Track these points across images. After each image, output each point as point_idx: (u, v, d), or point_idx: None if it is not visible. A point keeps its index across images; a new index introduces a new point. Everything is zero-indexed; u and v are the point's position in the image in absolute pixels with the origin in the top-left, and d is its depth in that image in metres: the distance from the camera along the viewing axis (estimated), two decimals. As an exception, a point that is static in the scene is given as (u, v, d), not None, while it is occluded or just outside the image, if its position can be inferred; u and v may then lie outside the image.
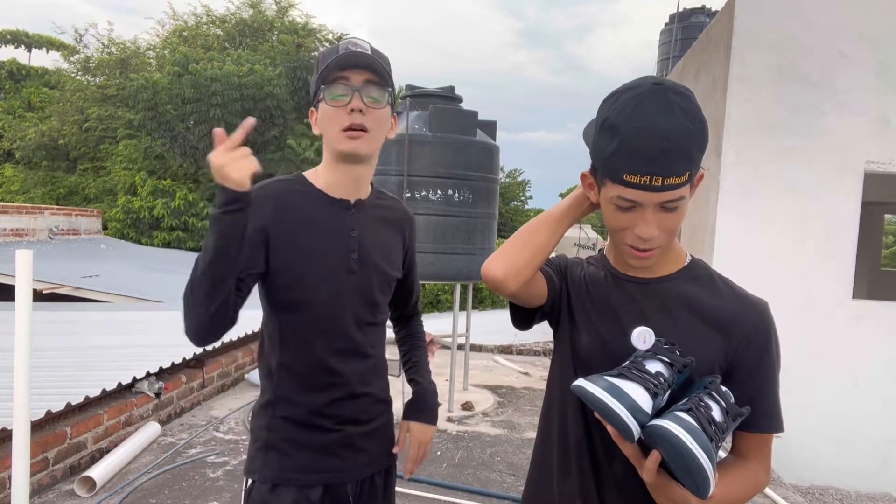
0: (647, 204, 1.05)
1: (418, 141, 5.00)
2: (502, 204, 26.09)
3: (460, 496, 3.60)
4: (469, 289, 5.94)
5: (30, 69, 22.94)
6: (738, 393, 1.11)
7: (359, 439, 1.53)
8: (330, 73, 1.40)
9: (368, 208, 1.53)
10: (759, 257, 4.70)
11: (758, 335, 1.13)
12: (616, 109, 1.05)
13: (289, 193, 1.46)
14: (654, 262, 1.15)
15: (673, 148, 1.00)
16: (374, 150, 1.47)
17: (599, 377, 1.03)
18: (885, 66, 4.61)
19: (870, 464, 4.68)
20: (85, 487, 3.36)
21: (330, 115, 1.41)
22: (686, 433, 0.94)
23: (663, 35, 9.81)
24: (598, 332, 1.19)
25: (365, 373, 1.52)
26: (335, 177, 1.48)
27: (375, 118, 1.42)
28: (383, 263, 1.53)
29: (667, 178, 1.01)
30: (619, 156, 1.03)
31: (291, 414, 1.48)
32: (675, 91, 1.03)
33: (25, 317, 2.34)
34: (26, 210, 11.67)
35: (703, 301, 1.15)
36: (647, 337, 1.10)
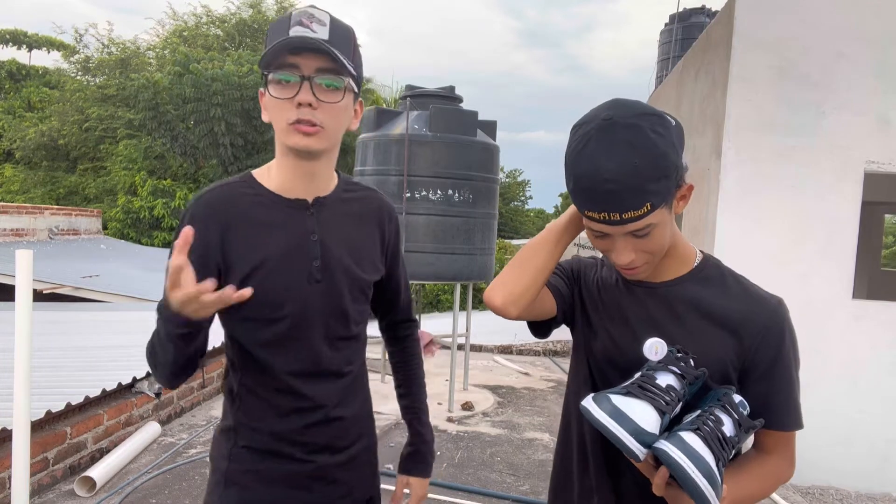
0: (616, 234, 1.07)
1: (418, 141, 5.00)
2: (502, 204, 26.10)
3: (460, 496, 3.60)
4: (469, 289, 5.94)
5: (30, 69, 22.94)
6: (754, 392, 1.10)
7: (334, 470, 1.34)
8: (276, 56, 1.17)
9: (333, 205, 1.33)
10: (759, 257, 4.70)
11: (771, 333, 1.12)
12: (570, 147, 1.07)
13: (236, 199, 1.27)
14: (647, 275, 1.15)
15: (618, 189, 1.00)
16: (332, 145, 1.28)
17: (605, 398, 1.02)
18: (885, 66, 4.61)
19: (870, 464, 4.68)
20: (85, 487, 3.36)
21: (276, 107, 1.20)
22: (686, 458, 0.94)
23: (663, 35, 9.81)
24: (610, 337, 1.19)
25: (340, 393, 1.33)
26: (288, 174, 1.28)
27: (330, 112, 1.21)
28: (354, 267, 1.33)
29: (623, 213, 1.02)
30: (575, 194, 1.07)
31: (254, 442, 1.29)
32: (624, 125, 1.01)
33: (25, 317, 2.34)
34: (26, 210, 11.68)
35: (713, 302, 1.14)
36: (659, 348, 1.09)
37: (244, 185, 1.30)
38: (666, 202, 1.05)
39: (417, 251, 4.99)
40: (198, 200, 1.26)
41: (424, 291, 14.23)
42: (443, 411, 5.25)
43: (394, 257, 1.46)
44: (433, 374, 6.47)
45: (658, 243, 1.08)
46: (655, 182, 1.02)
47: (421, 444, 1.52)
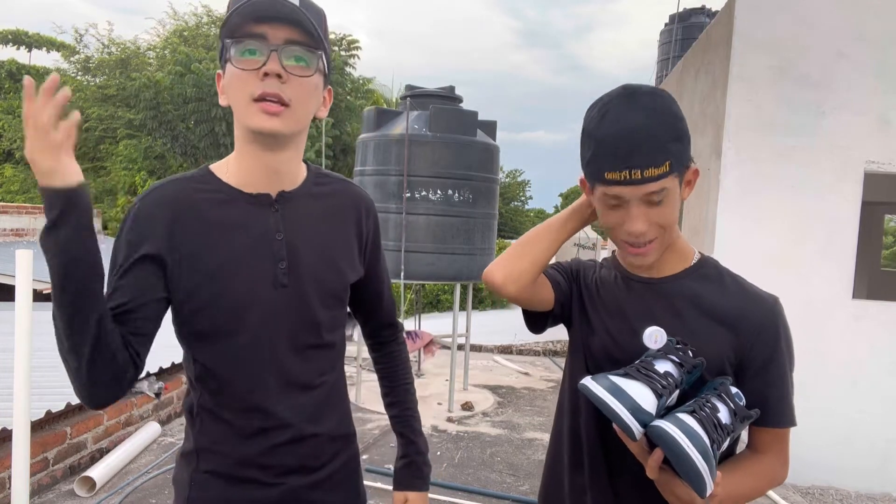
0: (632, 199, 1.08)
1: (418, 141, 5.00)
2: (502, 204, 26.10)
3: (460, 496, 3.60)
4: (469, 289, 5.94)
5: (30, 69, 22.95)
6: (750, 388, 1.12)
7: (307, 492, 1.20)
8: (241, 24, 1.04)
9: (301, 200, 1.19)
10: (759, 257, 4.70)
11: (767, 331, 1.14)
12: (589, 118, 1.12)
13: (188, 195, 1.12)
14: (654, 259, 1.16)
15: (642, 141, 1.05)
16: (299, 130, 1.13)
17: (604, 377, 1.04)
18: (885, 66, 4.61)
19: (870, 464, 4.68)
20: (85, 487, 3.36)
21: (238, 80, 1.06)
22: (683, 435, 0.95)
23: (663, 35, 9.81)
24: (608, 332, 1.21)
25: (311, 409, 1.19)
26: (249, 165, 1.13)
27: (300, 88, 1.07)
28: (325, 270, 1.19)
29: (645, 171, 1.05)
30: (597, 158, 1.09)
31: (218, 467, 1.16)
32: (642, 92, 1.08)
33: (25, 317, 2.34)
34: (26, 210, 11.68)
35: (711, 299, 1.16)
36: (658, 337, 1.11)
37: (199, 180, 1.15)
38: (680, 170, 1.09)
39: (417, 251, 4.99)
40: (145, 198, 1.11)
41: (424, 291, 14.23)
42: (443, 411, 5.25)
43: (373, 256, 1.32)
44: (433, 374, 6.47)
45: (669, 216, 1.11)
46: (675, 142, 1.07)
47: (416, 456, 1.39)
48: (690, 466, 0.94)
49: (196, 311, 1.12)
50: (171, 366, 4.55)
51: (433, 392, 5.82)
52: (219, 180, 1.15)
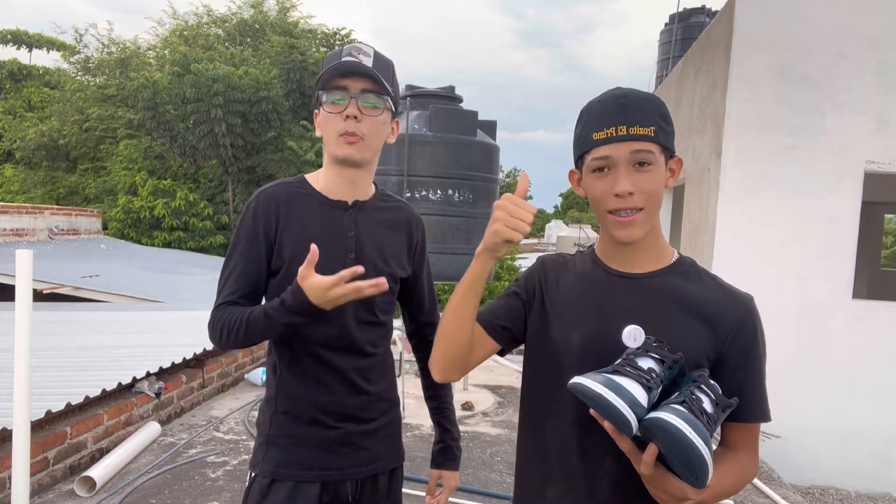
0: (619, 159, 1.13)
1: (418, 141, 5.00)
2: (502, 204, 26.05)
3: (460, 496, 3.60)
4: (469, 289, 5.94)
5: (30, 69, 22.95)
6: (726, 384, 1.14)
7: (359, 437, 1.54)
8: (329, 79, 1.44)
9: (369, 210, 1.56)
10: (759, 257, 4.70)
11: (744, 328, 1.17)
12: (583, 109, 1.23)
13: (289, 196, 1.52)
14: (640, 234, 1.17)
15: (631, 103, 1.14)
16: (371, 156, 1.51)
17: (596, 374, 1.05)
18: (885, 66, 4.61)
19: (870, 464, 4.68)
20: (85, 487, 3.36)
21: (327, 121, 1.46)
22: (685, 423, 0.96)
23: (663, 35, 9.81)
24: (590, 328, 1.21)
25: (365, 370, 1.53)
26: (333, 179, 1.53)
27: (371, 125, 1.46)
28: (381, 264, 1.53)
29: (631, 128, 1.12)
30: (587, 126, 1.18)
31: (292, 409, 1.51)
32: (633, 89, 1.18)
33: (25, 317, 2.34)
34: (26, 210, 11.68)
35: (691, 295, 1.19)
36: (637, 335, 1.13)
37: (297, 185, 1.55)
38: (666, 145, 1.15)
39: (417, 251, 5.00)
40: (260, 194, 1.52)
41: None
42: (443, 411, 5.25)
43: (420, 262, 1.66)
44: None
45: (655, 184, 1.14)
46: (662, 118, 1.15)
47: (451, 441, 1.71)
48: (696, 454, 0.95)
49: (287, 280, 1.44)
50: (171, 366, 4.55)
51: (433, 392, 5.82)
52: (310, 186, 1.55)
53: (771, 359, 1.26)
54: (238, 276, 1.49)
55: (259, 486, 1.51)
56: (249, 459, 1.58)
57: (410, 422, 4.85)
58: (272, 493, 1.49)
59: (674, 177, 1.21)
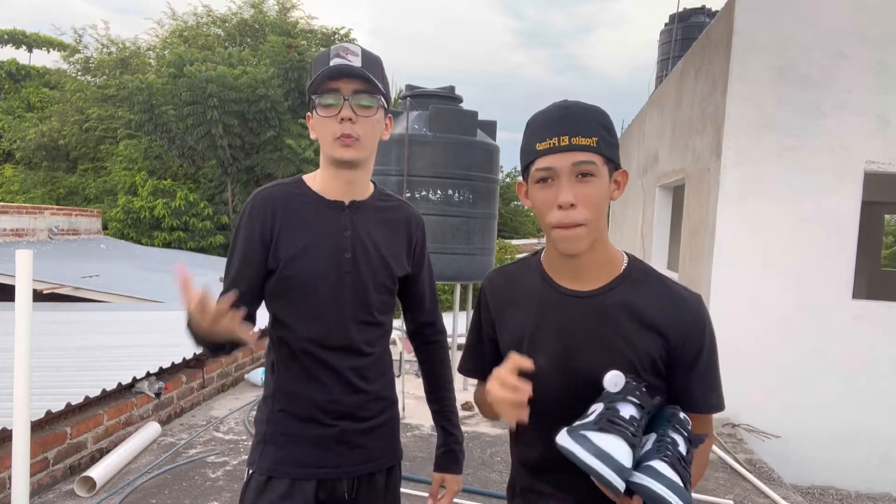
0: (562, 170, 1.14)
1: (418, 141, 5.00)
2: (502, 204, 26.09)
3: (460, 496, 3.60)
4: (469, 289, 5.94)
5: (29, 69, 22.94)
6: (682, 381, 1.23)
7: (356, 436, 1.54)
8: (320, 83, 1.45)
9: (367, 210, 1.56)
10: (759, 257, 4.70)
11: (694, 330, 1.22)
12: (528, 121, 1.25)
13: (286, 197, 1.53)
14: (584, 247, 1.18)
15: (572, 114, 1.16)
16: (368, 155, 1.52)
17: (581, 436, 1.08)
18: (885, 66, 4.61)
19: (870, 464, 4.68)
20: (85, 487, 3.36)
21: (323, 124, 1.47)
22: (668, 490, 1.02)
23: (663, 35, 9.81)
24: (553, 352, 1.24)
25: (363, 369, 1.53)
26: (330, 180, 1.53)
27: (366, 125, 1.47)
28: (379, 263, 1.54)
29: (573, 138, 1.14)
30: (531, 136, 1.20)
31: (289, 407, 1.52)
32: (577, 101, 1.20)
33: (25, 317, 2.34)
34: (26, 210, 11.67)
35: (641, 306, 1.23)
36: (618, 381, 1.15)
37: (294, 186, 1.56)
38: (609, 161, 1.18)
39: (417, 251, 4.99)
40: (256, 195, 1.53)
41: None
42: (443, 411, 5.25)
43: (419, 261, 1.66)
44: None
45: (598, 197, 1.16)
46: (605, 130, 1.17)
47: (454, 444, 1.69)
48: None
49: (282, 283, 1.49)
50: (171, 366, 4.55)
51: (433, 392, 5.82)
52: (307, 187, 1.55)
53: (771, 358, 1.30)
54: (234, 279, 1.51)
55: (256, 483, 1.52)
56: (248, 457, 1.59)
57: (410, 422, 4.85)
58: (268, 490, 1.50)
59: (619, 189, 1.22)
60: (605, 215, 1.21)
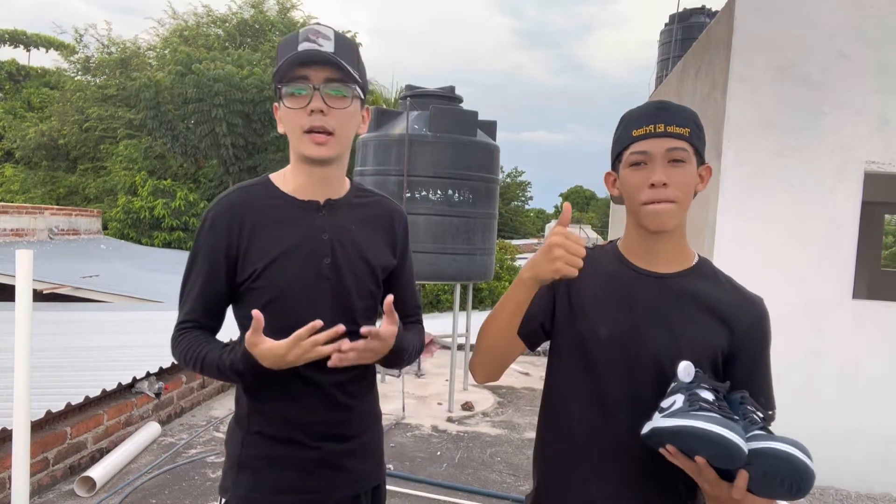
0: (656, 154, 1.22)
1: (418, 141, 5.00)
2: (502, 204, 26.07)
3: (460, 496, 3.60)
4: (469, 289, 5.94)
5: (29, 69, 22.94)
6: (737, 377, 1.25)
7: (340, 457, 1.41)
8: (287, 70, 1.29)
9: (344, 208, 1.42)
10: (759, 257, 4.70)
11: (758, 328, 1.27)
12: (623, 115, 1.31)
13: (252, 201, 1.37)
14: (672, 224, 1.24)
15: (669, 106, 1.25)
16: (343, 150, 1.37)
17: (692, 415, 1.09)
18: (885, 66, 4.61)
19: (870, 464, 4.68)
20: (85, 487, 3.36)
21: (290, 116, 1.32)
22: (797, 450, 1.04)
23: (663, 35, 9.80)
24: (618, 324, 1.28)
25: (346, 384, 1.39)
26: (302, 179, 1.38)
27: (340, 118, 1.31)
28: (362, 267, 1.40)
29: (668, 126, 1.21)
30: (627, 126, 1.27)
31: (266, 428, 1.38)
32: None
33: (25, 317, 2.34)
34: (26, 210, 11.67)
35: (710, 296, 1.28)
36: (690, 371, 1.18)
37: (260, 188, 1.40)
38: (699, 152, 1.25)
39: (417, 251, 4.98)
40: (218, 203, 1.38)
41: (424, 291, 14.23)
42: (443, 411, 5.25)
43: (402, 258, 1.52)
44: (433, 374, 6.47)
45: (688, 181, 1.23)
46: (696, 127, 1.25)
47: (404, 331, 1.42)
48: (809, 474, 1.04)
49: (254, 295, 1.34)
50: (171, 366, 4.55)
51: (433, 392, 5.81)
52: (276, 188, 1.39)
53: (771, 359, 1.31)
54: (197, 296, 1.38)
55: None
56: (219, 483, 1.45)
57: (410, 422, 4.85)
58: None
59: (703, 183, 1.29)
60: (689, 203, 1.27)
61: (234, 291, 1.38)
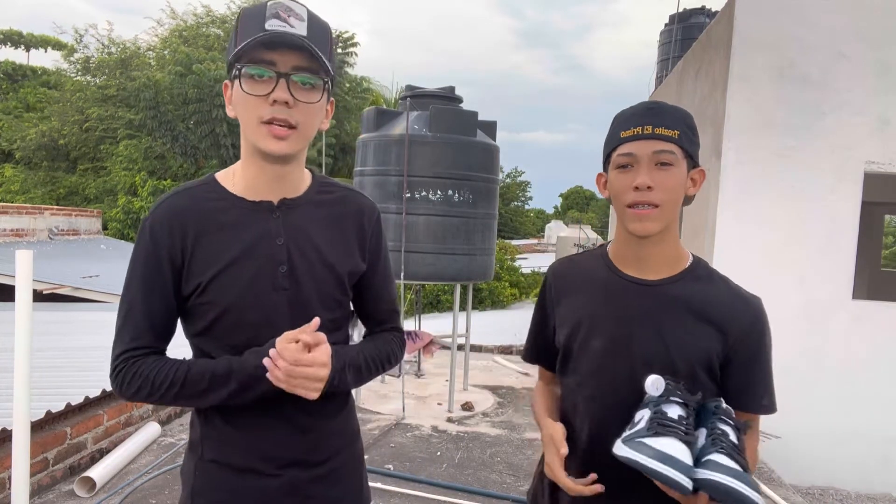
0: (642, 157, 1.20)
1: (418, 141, 5.00)
2: (502, 204, 26.08)
3: (460, 496, 3.60)
4: (469, 289, 5.94)
5: (27, 69, 22.94)
6: (736, 380, 1.25)
7: (307, 485, 1.25)
8: (251, 50, 1.10)
9: (303, 208, 1.25)
10: (759, 258, 4.70)
11: (754, 330, 1.25)
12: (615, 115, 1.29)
13: (196, 204, 1.20)
14: (655, 229, 1.22)
15: (660, 107, 1.22)
16: (304, 146, 1.20)
17: (640, 443, 1.09)
18: (885, 66, 4.61)
19: (869, 464, 4.68)
20: (85, 488, 3.36)
21: (248, 103, 1.13)
22: (735, 480, 1.03)
23: (663, 35, 9.80)
24: (610, 336, 1.27)
25: (312, 404, 1.20)
26: (254, 176, 1.21)
27: (306, 112, 1.15)
28: (325, 274, 1.23)
29: (657, 128, 1.19)
30: (617, 127, 1.25)
31: (222, 456, 1.23)
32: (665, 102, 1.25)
33: (25, 317, 2.34)
34: (26, 210, 11.67)
35: (703, 301, 1.25)
36: (658, 384, 1.17)
37: (205, 189, 1.22)
38: (689, 155, 1.22)
39: (417, 251, 4.99)
40: (156, 208, 1.20)
41: (424, 291, 14.23)
42: (443, 411, 5.25)
43: (374, 258, 1.34)
44: (433, 374, 6.47)
45: (674, 185, 1.20)
46: (688, 129, 1.22)
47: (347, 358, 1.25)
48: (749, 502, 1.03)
49: (201, 311, 1.20)
50: (171, 366, 4.55)
51: (433, 392, 5.81)
52: (223, 188, 1.23)
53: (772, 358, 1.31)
54: (143, 316, 1.19)
55: None
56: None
57: (410, 422, 4.85)
58: None
59: (695, 186, 1.26)
60: (678, 207, 1.24)
61: (181, 307, 1.22)
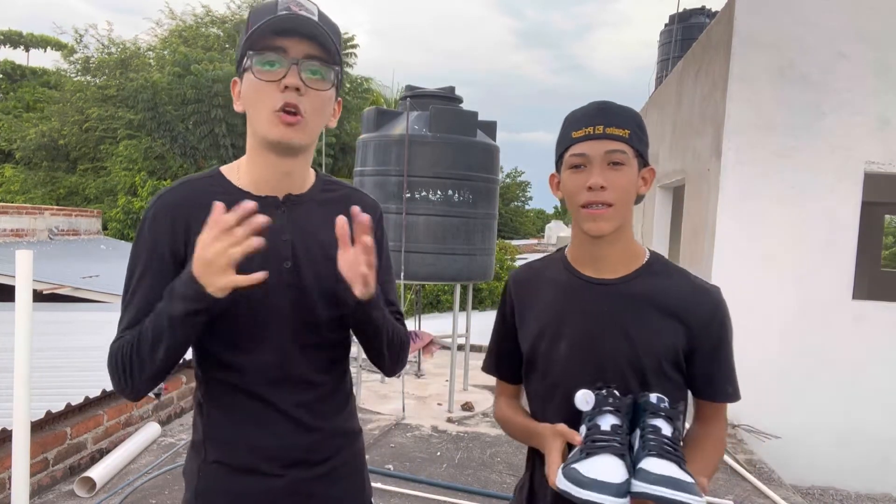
0: (595, 157, 1.21)
1: (418, 141, 5.00)
2: (502, 204, 26.07)
3: (460, 496, 3.60)
4: (469, 289, 5.94)
5: (26, 69, 22.94)
6: (700, 370, 1.27)
7: (310, 484, 1.26)
8: (262, 37, 1.10)
9: (308, 204, 1.25)
10: (759, 258, 4.70)
11: (714, 320, 1.27)
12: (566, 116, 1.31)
13: (199, 196, 1.18)
14: (610, 229, 1.23)
15: (609, 107, 1.24)
16: (311, 140, 1.20)
17: (573, 471, 1.08)
18: (885, 66, 4.61)
19: (869, 464, 4.68)
20: (85, 488, 3.36)
21: (258, 91, 1.12)
22: (666, 488, 1.02)
23: (663, 35, 9.81)
24: (576, 338, 1.28)
25: (314, 403, 1.24)
26: (261, 170, 1.20)
27: (316, 102, 1.14)
28: (328, 272, 1.19)
29: (608, 128, 1.21)
30: (568, 127, 1.26)
31: (224, 457, 1.23)
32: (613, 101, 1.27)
33: (25, 317, 2.34)
34: (26, 210, 11.67)
35: (663, 295, 1.27)
36: (588, 398, 1.16)
37: (209, 182, 1.22)
38: (640, 154, 1.24)
39: (417, 251, 4.99)
40: (160, 198, 1.20)
41: (424, 292, 14.24)
42: (443, 411, 5.25)
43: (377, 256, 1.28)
44: (433, 374, 6.47)
45: (627, 184, 1.22)
46: (638, 128, 1.24)
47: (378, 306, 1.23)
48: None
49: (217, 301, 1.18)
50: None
51: (433, 392, 5.81)
52: (228, 182, 1.22)
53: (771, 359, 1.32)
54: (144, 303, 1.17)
55: None
56: None
57: (410, 422, 4.85)
58: None
59: (646, 185, 1.28)
60: (631, 206, 1.26)
61: None
